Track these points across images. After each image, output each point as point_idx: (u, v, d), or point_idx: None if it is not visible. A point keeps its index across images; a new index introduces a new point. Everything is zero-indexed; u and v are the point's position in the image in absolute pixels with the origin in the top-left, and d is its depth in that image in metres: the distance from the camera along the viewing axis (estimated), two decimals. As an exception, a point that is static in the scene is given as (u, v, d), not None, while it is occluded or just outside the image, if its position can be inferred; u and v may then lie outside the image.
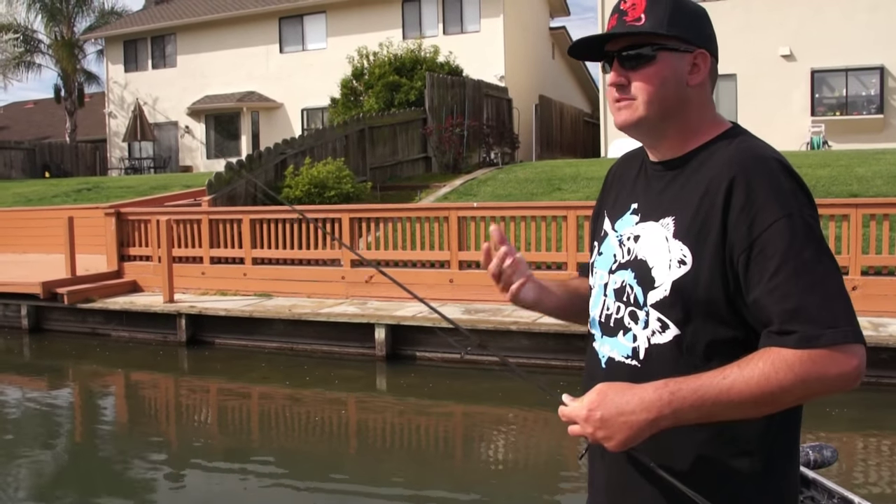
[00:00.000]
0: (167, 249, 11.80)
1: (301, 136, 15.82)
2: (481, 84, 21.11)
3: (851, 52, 20.36)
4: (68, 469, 7.01)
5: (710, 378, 1.48)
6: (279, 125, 27.83)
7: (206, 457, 7.32)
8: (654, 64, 1.65)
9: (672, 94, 1.65)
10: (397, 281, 2.18)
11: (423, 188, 16.35)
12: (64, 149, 30.94)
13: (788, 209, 1.50)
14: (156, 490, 6.51)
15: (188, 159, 29.92)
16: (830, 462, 2.73)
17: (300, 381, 9.79)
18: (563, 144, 26.58)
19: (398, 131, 18.57)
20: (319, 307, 10.90)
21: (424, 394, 9.19)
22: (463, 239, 10.82)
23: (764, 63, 20.97)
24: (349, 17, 26.91)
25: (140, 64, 31.05)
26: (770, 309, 1.48)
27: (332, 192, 13.59)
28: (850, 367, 1.44)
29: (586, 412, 1.53)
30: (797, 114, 20.98)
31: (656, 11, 1.65)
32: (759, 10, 21.06)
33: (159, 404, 9.63)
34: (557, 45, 30.76)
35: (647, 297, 1.64)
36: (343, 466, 7.03)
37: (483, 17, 25.37)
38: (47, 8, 32.70)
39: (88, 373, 10.97)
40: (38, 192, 19.84)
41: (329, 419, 8.62)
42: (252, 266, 12.21)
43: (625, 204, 1.78)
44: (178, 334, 11.37)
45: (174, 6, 31.35)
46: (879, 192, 12.01)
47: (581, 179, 14.68)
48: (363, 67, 21.54)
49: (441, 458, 7.49)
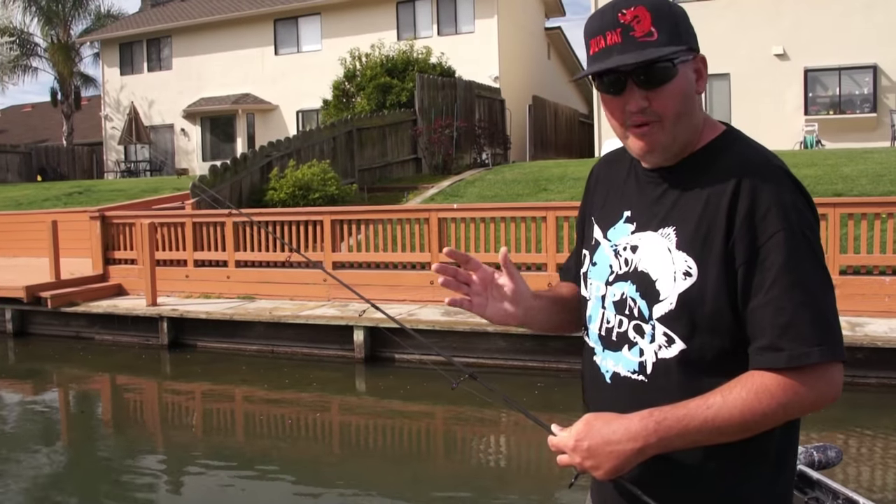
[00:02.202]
0: (150, 253, 11.79)
1: (287, 139, 15.78)
2: (473, 85, 21.09)
3: (844, 51, 20.32)
4: (50, 472, 6.98)
5: (695, 407, 1.49)
6: (274, 127, 27.85)
7: (184, 460, 7.31)
8: (676, 80, 1.57)
9: (689, 107, 1.60)
10: (344, 283, 2.20)
11: (412, 190, 16.33)
12: (60, 152, 31.02)
13: (789, 222, 1.49)
14: (135, 492, 6.49)
15: (184, 162, 29.94)
16: (835, 462, 2.70)
17: (279, 383, 9.77)
18: (558, 145, 26.55)
19: (388, 133, 18.54)
20: (300, 309, 10.89)
21: (401, 395, 9.17)
22: (444, 240, 10.79)
23: (757, 62, 20.94)
24: (344, 18, 26.93)
25: (136, 67, 31.11)
26: (764, 322, 1.49)
27: (316, 195, 13.57)
28: (829, 392, 1.49)
29: (574, 442, 1.55)
30: (791, 113, 20.94)
31: (667, 23, 1.56)
32: (752, 10, 21.02)
33: (137, 408, 9.61)
34: (553, 45, 30.77)
35: (652, 310, 1.61)
36: (319, 469, 7.01)
37: (477, 18, 25.37)
38: (43, 11, 32.79)
39: (70, 377, 10.96)
40: (30, 195, 19.86)
41: (305, 421, 8.59)
42: (235, 269, 12.20)
43: (616, 211, 1.73)
44: (160, 337, 11.36)
45: (170, 9, 31.40)
46: (864, 191, 11.95)
47: (568, 180, 14.64)
48: (355, 69, 21.54)
49: (416, 460, 7.45)
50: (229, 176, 14.02)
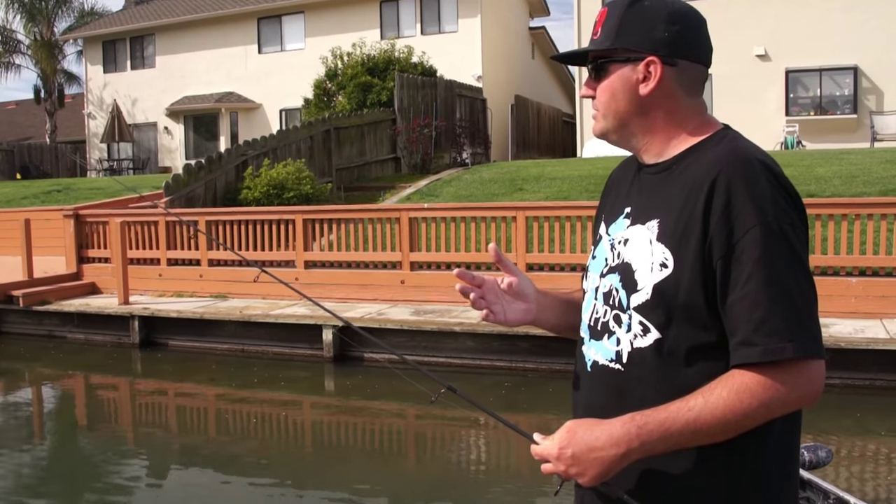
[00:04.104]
0: (121, 251, 11.75)
1: (264, 137, 15.73)
2: (454, 84, 21.07)
3: (825, 52, 20.38)
4: (19, 471, 6.95)
5: (677, 410, 1.50)
6: (258, 126, 27.75)
7: (153, 459, 7.33)
8: (608, 77, 1.70)
9: (624, 105, 1.68)
10: (283, 280, 2.18)
11: (389, 189, 16.31)
12: (44, 150, 30.84)
13: (765, 216, 1.49)
14: (105, 492, 6.50)
15: (167, 160, 29.84)
16: (825, 462, 2.73)
17: (247, 382, 9.74)
18: (541, 144, 26.56)
19: (366, 132, 18.51)
20: (271, 308, 10.86)
21: (367, 395, 9.16)
22: (414, 240, 10.78)
23: (739, 63, 20.95)
24: (327, 17, 26.86)
25: (119, 64, 30.97)
26: (740, 317, 1.50)
27: (290, 194, 13.54)
28: (810, 389, 1.49)
29: (557, 450, 1.55)
30: (772, 113, 20.98)
31: (608, 25, 1.69)
32: (733, 11, 21.03)
33: (106, 407, 9.59)
34: (537, 44, 30.75)
35: (630, 299, 1.64)
36: (285, 468, 6.98)
37: (461, 18, 25.34)
38: (26, 8, 32.61)
39: (41, 376, 10.92)
40: (8, 194, 19.74)
41: (272, 420, 8.57)
42: (208, 268, 12.17)
43: (619, 208, 1.78)
44: (131, 336, 11.31)
45: (153, 6, 31.27)
46: (836, 192, 11.98)
47: (544, 180, 14.64)
48: (336, 68, 21.50)
49: (374, 459, 7.43)
50: (204, 175, 13.98)
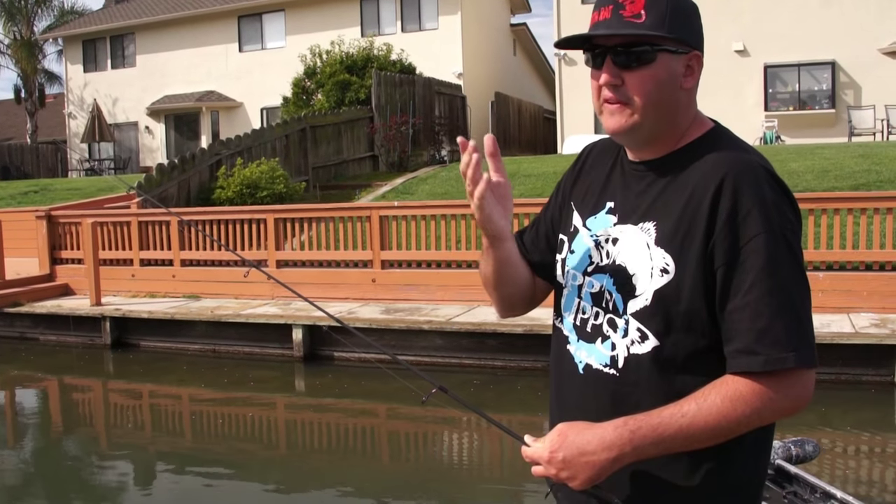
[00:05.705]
0: (93, 252, 11.69)
1: (238, 137, 15.68)
2: (432, 82, 21.06)
3: (804, 47, 20.46)
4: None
5: (670, 415, 1.49)
6: (239, 124, 27.66)
7: (125, 460, 7.33)
8: (653, 66, 1.57)
9: (666, 98, 1.59)
10: (281, 281, 2.13)
11: (365, 187, 16.28)
12: (24, 150, 30.70)
13: (770, 224, 1.49)
14: (78, 493, 6.47)
15: (148, 160, 29.73)
16: (812, 456, 2.77)
17: (217, 382, 9.73)
18: (522, 141, 26.57)
19: (343, 130, 18.46)
20: (243, 308, 10.84)
21: (336, 394, 9.15)
22: (385, 238, 10.76)
23: (717, 58, 20.93)
24: (308, 15, 26.82)
25: (99, 64, 30.86)
26: (741, 324, 1.48)
27: (264, 193, 13.51)
28: (802, 397, 1.50)
29: (548, 454, 1.54)
30: (750, 108, 21.03)
31: (658, 8, 1.56)
32: (712, 6, 20.99)
33: (77, 409, 9.56)
34: (519, 41, 30.77)
35: (626, 305, 1.61)
36: (253, 467, 6.96)
37: (441, 15, 25.36)
38: (5, 7, 32.45)
39: (11, 378, 10.85)
40: (-16, 194, 19.67)
41: (239, 420, 8.55)
42: (181, 268, 12.11)
43: (598, 201, 1.72)
44: (103, 337, 11.26)
45: (134, 5, 31.15)
46: (808, 186, 12.01)
47: (520, 177, 14.63)
48: (315, 66, 21.45)
49: (360, 460, 7.43)
50: (177, 175, 13.93)
